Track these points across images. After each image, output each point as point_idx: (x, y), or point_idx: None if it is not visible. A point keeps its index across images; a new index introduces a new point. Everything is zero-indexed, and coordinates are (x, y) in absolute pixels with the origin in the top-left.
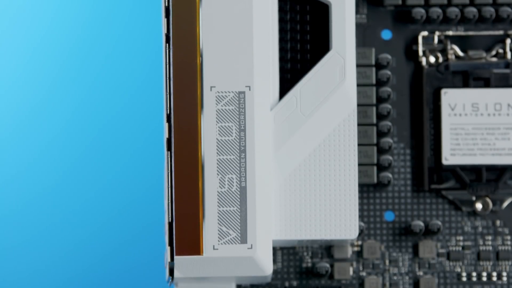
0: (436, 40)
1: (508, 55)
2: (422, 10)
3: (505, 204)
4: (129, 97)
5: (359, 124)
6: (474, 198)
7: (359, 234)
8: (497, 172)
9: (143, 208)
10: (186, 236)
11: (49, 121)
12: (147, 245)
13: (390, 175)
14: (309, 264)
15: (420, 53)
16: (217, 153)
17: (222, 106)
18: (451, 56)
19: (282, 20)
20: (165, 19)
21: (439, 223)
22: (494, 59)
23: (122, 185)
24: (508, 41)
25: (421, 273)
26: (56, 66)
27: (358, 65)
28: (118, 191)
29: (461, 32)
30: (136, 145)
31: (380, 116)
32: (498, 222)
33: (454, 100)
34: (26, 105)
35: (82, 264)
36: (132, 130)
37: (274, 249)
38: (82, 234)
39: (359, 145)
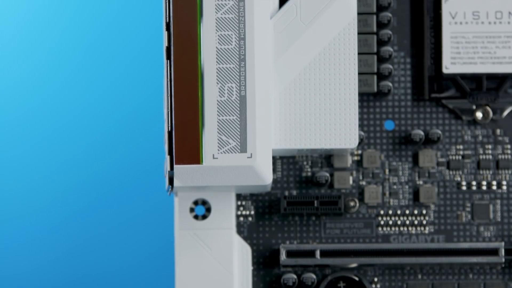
0: None
1: None
2: None
3: (505, 112)
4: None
5: (359, 33)
6: (474, 107)
7: (359, 143)
8: (498, 81)
9: (143, 118)
10: (185, 145)
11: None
12: (147, 157)
13: (390, 84)
14: (309, 174)
15: None
16: (217, 61)
17: (221, 14)
18: None
19: None
20: None
21: (439, 132)
22: None
23: (122, 96)
24: None
25: (420, 182)
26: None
27: None
28: (117, 102)
29: None
30: (135, 53)
31: (381, 25)
32: (498, 131)
33: (454, 8)
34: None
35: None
36: (131, 37)
37: (274, 158)
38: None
39: (359, 54)
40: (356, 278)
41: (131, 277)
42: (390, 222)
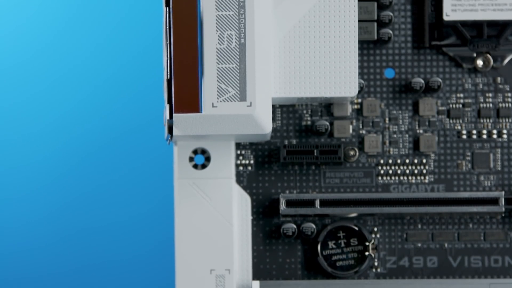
0: None
1: None
2: None
3: (506, 60)
4: None
5: None
6: (474, 55)
7: (359, 92)
8: (498, 28)
9: (143, 67)
10: (185, 93)
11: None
12: (147, 106)
13: (391, 32)
14: (309, 122)
15: None
16: (216, 9)
17: None
18: None
19: None
20: None
21: (440, 80)
22: None
23: (121, 45)
24: None
25: (421, 131)
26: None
27: None
28: (116, 52)
29: None
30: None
31: None
32: (498, 79)
33: None
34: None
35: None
36: None
37: (274, 107)
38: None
39: (359, 0)
40: (356, 228)
41: (130, 228)
42: (390, 172)
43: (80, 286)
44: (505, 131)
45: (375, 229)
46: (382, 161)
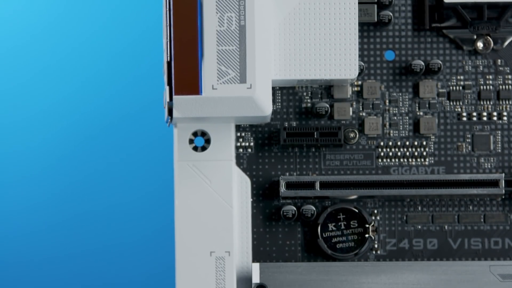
0: None
1: None
2: None
3: (507, 42)
4: None
5: None
6: (475, 37)
7: (359, 74)
8: (499, 10)
9: (143, 49)
10: (185, 75)
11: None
12: (147, 88)
13: (391, 14)
14: (309, 104)
15: None
16: None
17: None
18: None
19: None
20: None
21: (440, 62)
22: None
23: (121, 26)
24: None
25: (421, 113)
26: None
27: None
28: (117, 33)
29: None
30: None
31: None
32: (499, 61)
33: None
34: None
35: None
36: None
37: (274, 89)
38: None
39: None
40: (356, 210)
41: (130, 210)
42: (390, 154)
43: (80, 270)
44: (505, 113)
45: (375, 211)
46: (382, 143)
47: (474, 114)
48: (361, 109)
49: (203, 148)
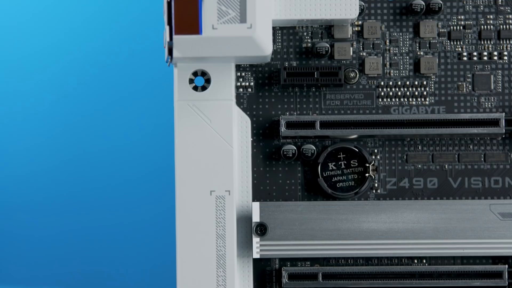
0: None
1: None
2: None
3: None
4: None
5: None
6: None
7: (360, 14)
8: None
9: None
10: (185, 15)
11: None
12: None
13: None
14: (309, 44)
15: None
16: None
17: None
18: None
19: None
20: None
21: (440, 1)
22: None
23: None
24: None
25: (421, 53)
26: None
27: None
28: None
29: None
30: None
31: None
32: (500, 1)
33: None
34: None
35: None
36: None
37: (274, 29)
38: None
39: None
40: (356, 149)
41: (130, 149)
42: (391, 93)
43: (80, 210)
44: (506, 53)
45: (375, 150)
46: (382, 83)
47: (475, 53)
48: (361, 49)
49: (203, 88)
